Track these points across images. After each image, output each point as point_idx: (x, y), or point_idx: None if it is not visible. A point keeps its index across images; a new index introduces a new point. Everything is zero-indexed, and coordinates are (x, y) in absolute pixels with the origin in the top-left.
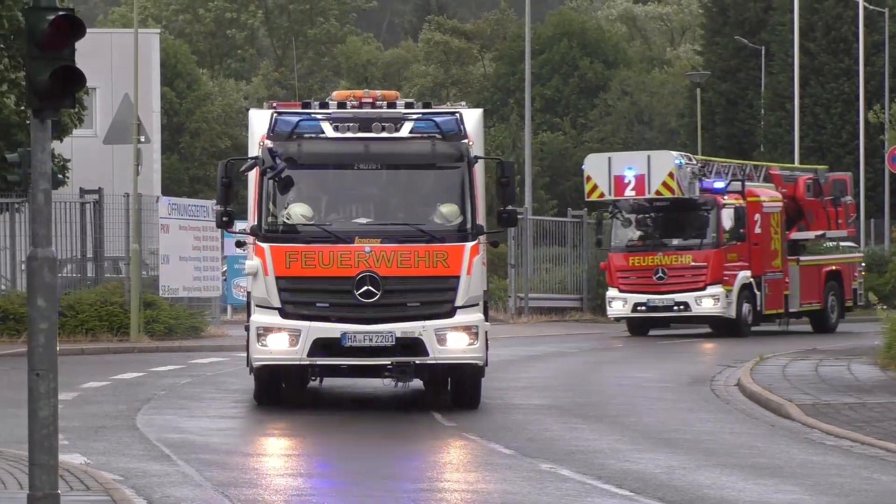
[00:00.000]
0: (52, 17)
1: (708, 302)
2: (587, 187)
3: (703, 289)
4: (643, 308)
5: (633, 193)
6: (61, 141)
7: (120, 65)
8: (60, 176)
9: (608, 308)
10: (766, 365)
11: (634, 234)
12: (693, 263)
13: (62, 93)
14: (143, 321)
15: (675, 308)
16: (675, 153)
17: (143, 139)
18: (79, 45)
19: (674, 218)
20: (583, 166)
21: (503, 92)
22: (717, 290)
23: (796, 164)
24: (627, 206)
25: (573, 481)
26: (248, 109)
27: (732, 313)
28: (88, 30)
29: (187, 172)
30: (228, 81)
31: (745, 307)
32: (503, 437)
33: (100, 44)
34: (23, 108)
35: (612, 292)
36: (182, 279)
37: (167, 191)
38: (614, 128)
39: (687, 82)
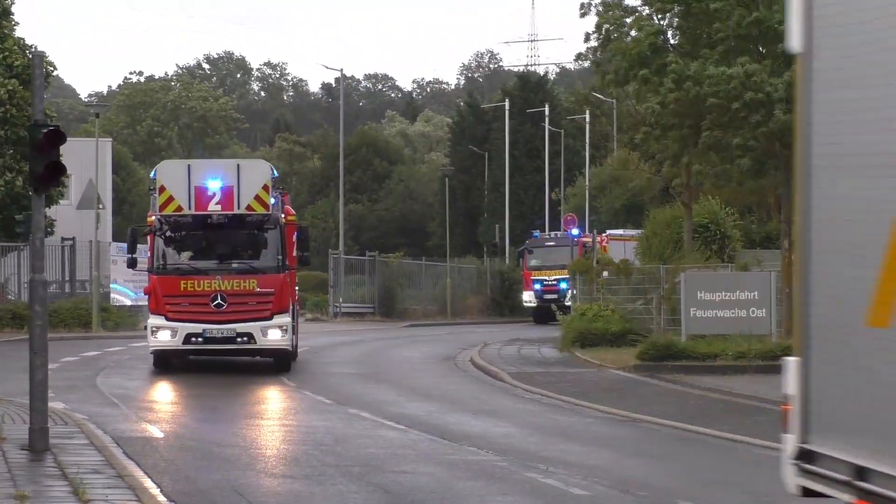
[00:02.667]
0: (45, 131)
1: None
2: (160, 199)
3: (270, 318)
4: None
5: (218, 208)
6: (50, 207)
7: (86, 161)
8: (49, 229)
9: (151, 338)
10: (488, 349)
11: (187, 254)
12: (259, 290)
13: (52, 179)
14: (100, 319)
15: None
16: (268, 164)
17: (101, 207)
18: (62, 148)
19: (234, 236)
20: (152, 174)
21: (326, 179)
22: (285, 319)
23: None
24: (175, 222)
25: (370, 420)
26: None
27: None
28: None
29: (127, 227)
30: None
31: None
32: (326, 393)
33: (74, 147)
34: (25, 187)
35: (155, 320)
36: (125, 294)
37: (115, 238)
38: (394, 201)
39: (439, 174)
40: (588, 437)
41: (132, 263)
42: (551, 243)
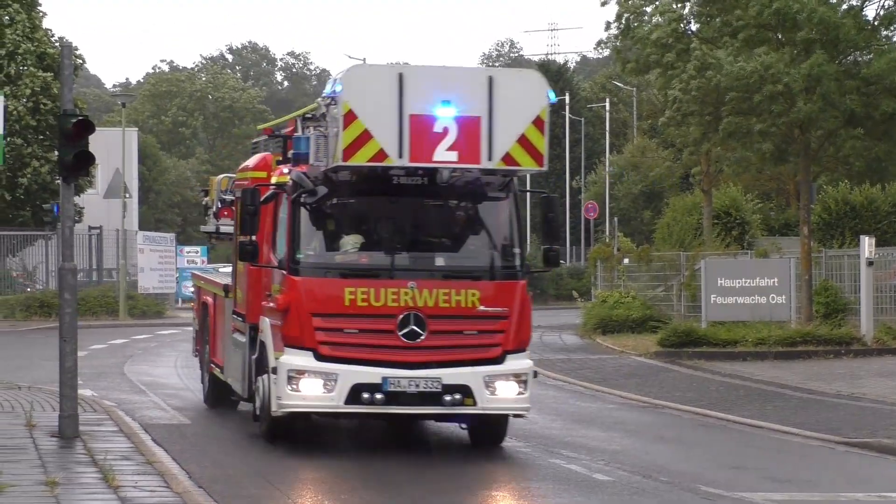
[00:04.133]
0: (74, 120)
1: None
2: (345, 137)
3: (501, 360)
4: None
5: (452, 157)
6: (78, 196)
7: (113, 150)
8: (77, 218)
9: (285, 389)
10: None
11: (353, 239)
12: (485, 309)
13: (80, 167)
14: (127, 307)
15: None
16: (542, 78)
17: (127, 195)
18: (90, 137)
19: (443, 213)
20: (331, 89)
21: None
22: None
23: None
24: (350, 183)
25: None
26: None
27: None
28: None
29: (153, 216)
30: (178, 161)
31: None
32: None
33: (101, 137)
34: (52, 175)
35: (295, 358)
36: (151, 281)
37: (141, 227)
38: None
39: None
40: (610, 422)
41: (250, 254)
42: None
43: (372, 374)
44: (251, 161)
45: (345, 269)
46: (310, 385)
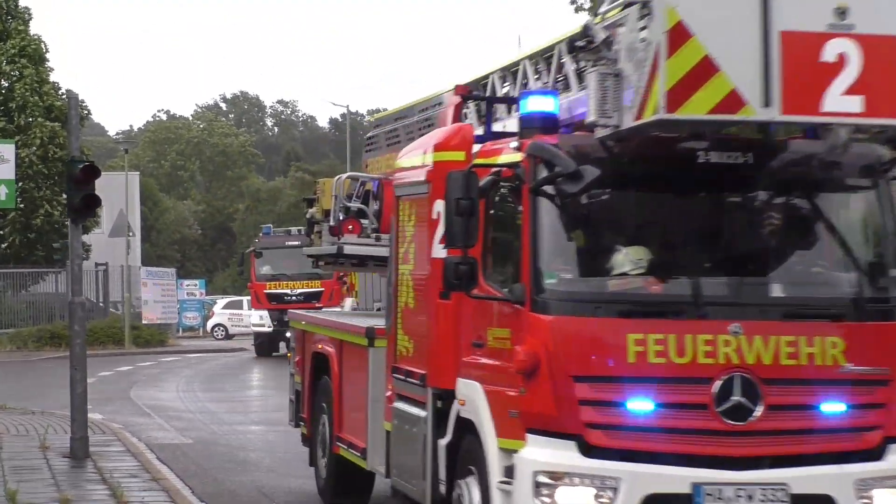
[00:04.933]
0: (81, 166)
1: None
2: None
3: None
4: None
5: (854, 107)
6: (86, 235)
7: (117, 192)
8: (85, 255)
9: None
10: None
11: (638, 254)
12: (855, 368)
13: (88, 209)
14: (132, 337)
15: None
16: None
17: (131, 234)
18: (96, 181)
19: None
20: None
21: None
22: None
23: None
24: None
25: None
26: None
27: None
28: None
29: (155, 253)
30: (176, 202)
31: None
32: None
33: (106, 180)
34: (62, 216)
35: (550, 454)
36: (154, 313)
37: (144, 263)
38: None
39: None
40: None
41: (465, 277)
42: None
43: (675, 479)
44: (431, 138)
45: (628, 302)
46: (573, 497)
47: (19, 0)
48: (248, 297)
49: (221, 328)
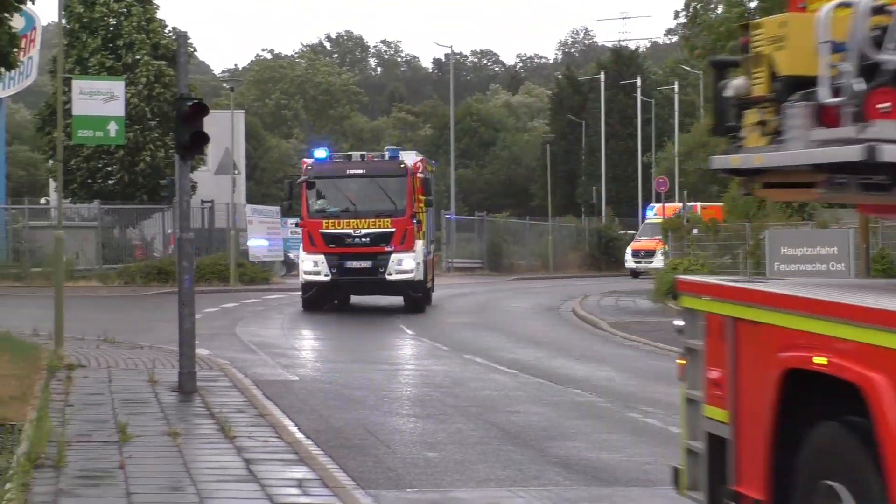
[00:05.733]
0: (190, 104)
1: None
2: None
3: None
4: None
5: None
6: (193, 172)
7: (222, 131)
8: (192, 193)
9: None
10: (588, 300)
11: None
12: None
13: (196, 146)
14: (237, 274)
15: None
16: None
17: (236, 172)
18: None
19: None
20: None
21: (436, 146)
22: None
23: None
24: None
25: (483, 364)
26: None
27: None
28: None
29: (259, 191)
30: (280, 140)
31: None
32: (442, 340)
33: (211, 119)
34: (165, 158)
35: None
36: (259, 251)
37: (249, 201)
38: (500, 166)
39: (540, 141)
40: None
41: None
42: (360, 171)
43: None
44: None
45: None
46: None
47: None
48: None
49: None
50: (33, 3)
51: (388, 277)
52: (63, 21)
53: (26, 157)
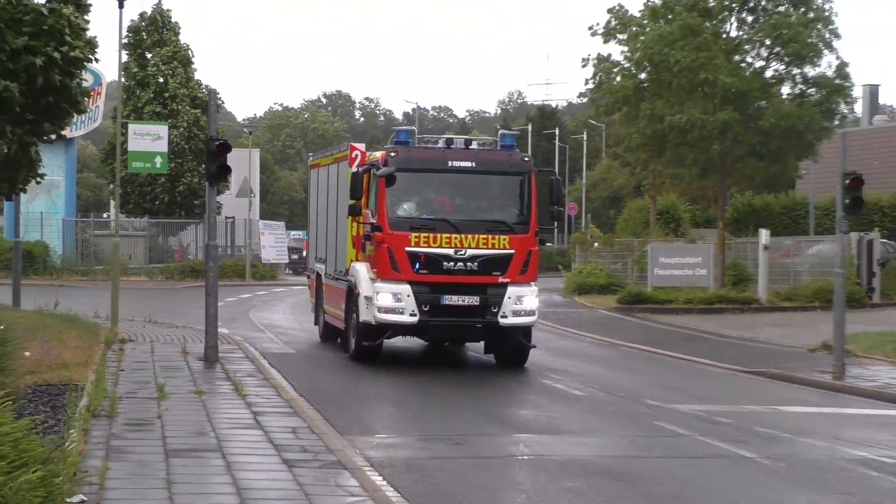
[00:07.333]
0: (217, 143)
1: None
2: None
3: None
4: None
5: None
6: (218, 195)
7: (242, 164)
8: (217, 210)
9: None
10: None
11: None
12: None
13: (221, 176)
14: (251, 272)
15: None
16: None
17: (252, 195)
18: (227, 155)
19: None
20: None
21: None
22: None
23: None
24: None
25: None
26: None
27: None
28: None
29: (269, 210)
30: (287, 172)
31: None
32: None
33: (234, 155)
34: (200, 184)
35: None
36: (269, 255)
37: (262, 217)
38: None
39: None
40: (584, 356)
41: None
42: (467, 163)
43: None
44: None
45: None
46: None
47: (172, 16)
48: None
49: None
50: (98, 63)
51: (503, 321)
52: (122, 79)
53: (93, 182)
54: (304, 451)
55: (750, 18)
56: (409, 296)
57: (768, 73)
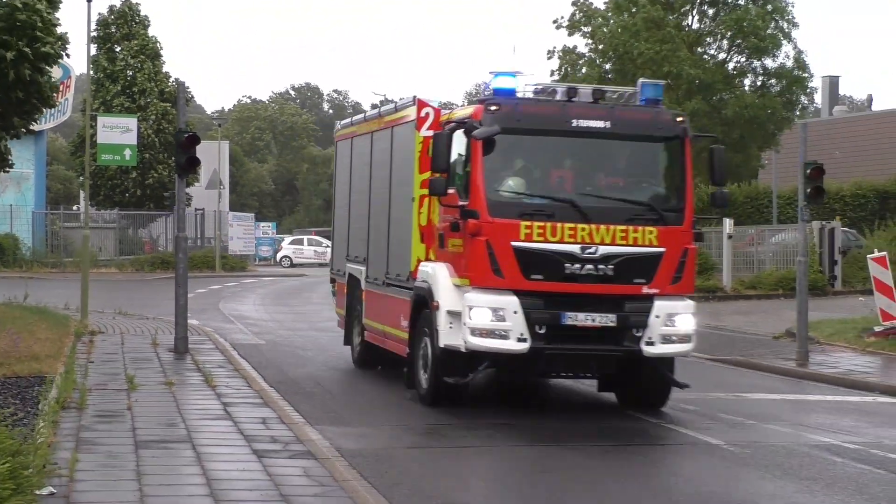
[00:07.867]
0: (186, 135)
1: None
2: None
3: None
4: None
5: None
6: (188, 187)
7: (211, 156)
8: (187, 202)
9: None
10: None
11: None
12: None
13: (190, 168)
14: (221, 264)
15: None
16: None
17: (222, 187)
18: (197, 147)
19: None
20: None
21: None
22: None
23: None
24: None
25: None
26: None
27: None
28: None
29: (239, 202)
30: (256, 164)
31: None
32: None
33: (204, 148)
34: (169, 176)
35: None
36: (238, 246)
37: (231, 209)
38: None
39: None
40: None
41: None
42: (599, 123)
43: None
44: None
45: None
46: None
47: (141, 9)
48: (310, 237)
49: (287, 259)
50: (68, 58)
51: (648, 349)
52: (91, 72)
53: (63, 174)
54: (274, 441)
55: (711, 11)
56: (516, 312)
57: (731, 66)
